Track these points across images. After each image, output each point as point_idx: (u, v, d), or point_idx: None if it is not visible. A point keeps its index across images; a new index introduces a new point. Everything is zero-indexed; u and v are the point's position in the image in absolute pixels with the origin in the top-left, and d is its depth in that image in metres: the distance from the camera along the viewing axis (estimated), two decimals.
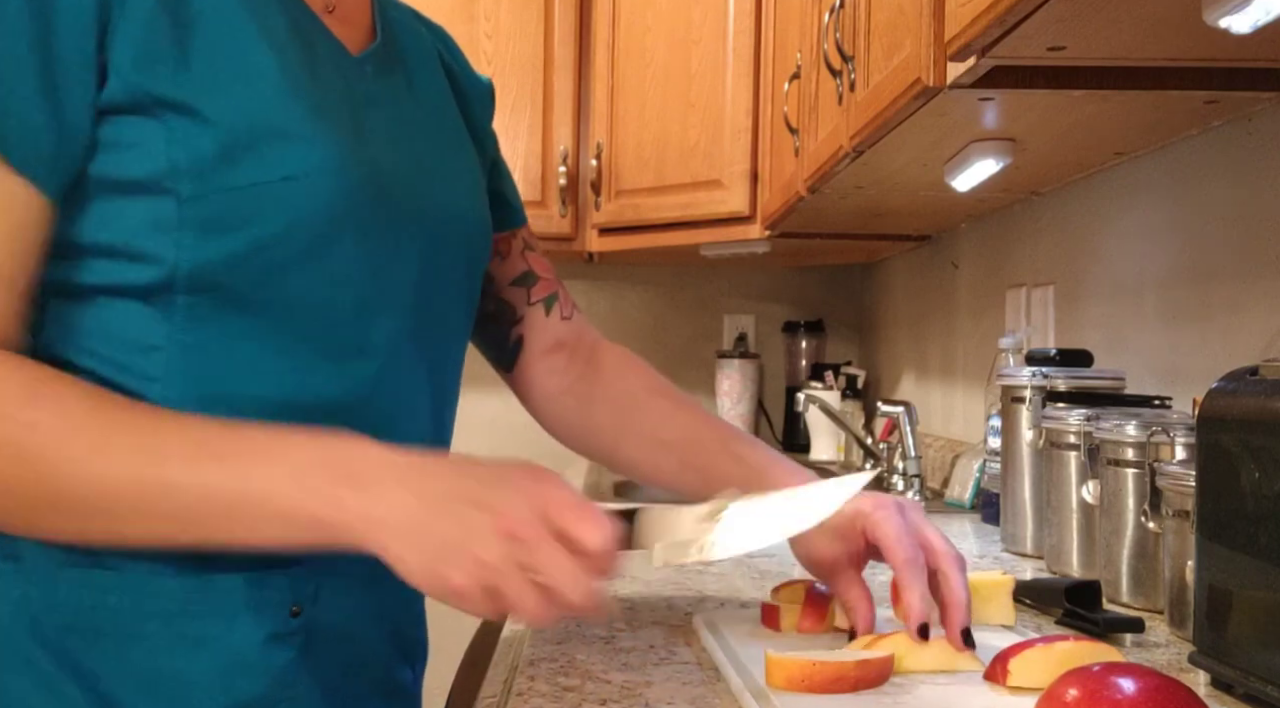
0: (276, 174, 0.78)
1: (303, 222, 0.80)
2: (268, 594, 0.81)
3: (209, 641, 0.79)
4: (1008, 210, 2.02)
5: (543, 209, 2.80)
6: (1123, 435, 1.13)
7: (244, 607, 0.80)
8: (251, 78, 0.80)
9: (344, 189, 0.82)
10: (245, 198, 0.78)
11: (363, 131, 0.86)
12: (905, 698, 0.78)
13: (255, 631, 0.80)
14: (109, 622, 0.77)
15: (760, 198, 2.41)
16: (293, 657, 0.82)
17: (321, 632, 0.84)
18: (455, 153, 1.00)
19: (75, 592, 0.77)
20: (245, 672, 0.79)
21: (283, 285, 0.80)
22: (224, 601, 0.79)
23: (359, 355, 0.85)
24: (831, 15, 1.56)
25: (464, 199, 0.97)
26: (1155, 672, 0.65)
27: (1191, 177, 1.42)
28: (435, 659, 1.08)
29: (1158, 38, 1.02)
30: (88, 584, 0.77)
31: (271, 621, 0.81)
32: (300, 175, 0.79)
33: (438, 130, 0.98)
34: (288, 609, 0.82)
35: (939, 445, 2.29)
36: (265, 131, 0.79)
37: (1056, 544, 1.29)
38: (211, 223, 0.77)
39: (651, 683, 0.82)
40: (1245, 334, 1.29)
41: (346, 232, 0.82)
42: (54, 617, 0.77)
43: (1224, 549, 0.82)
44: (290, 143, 0.80)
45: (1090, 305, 1.70)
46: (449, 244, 0.94)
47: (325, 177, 0.81)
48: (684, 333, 3.22)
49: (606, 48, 2.75)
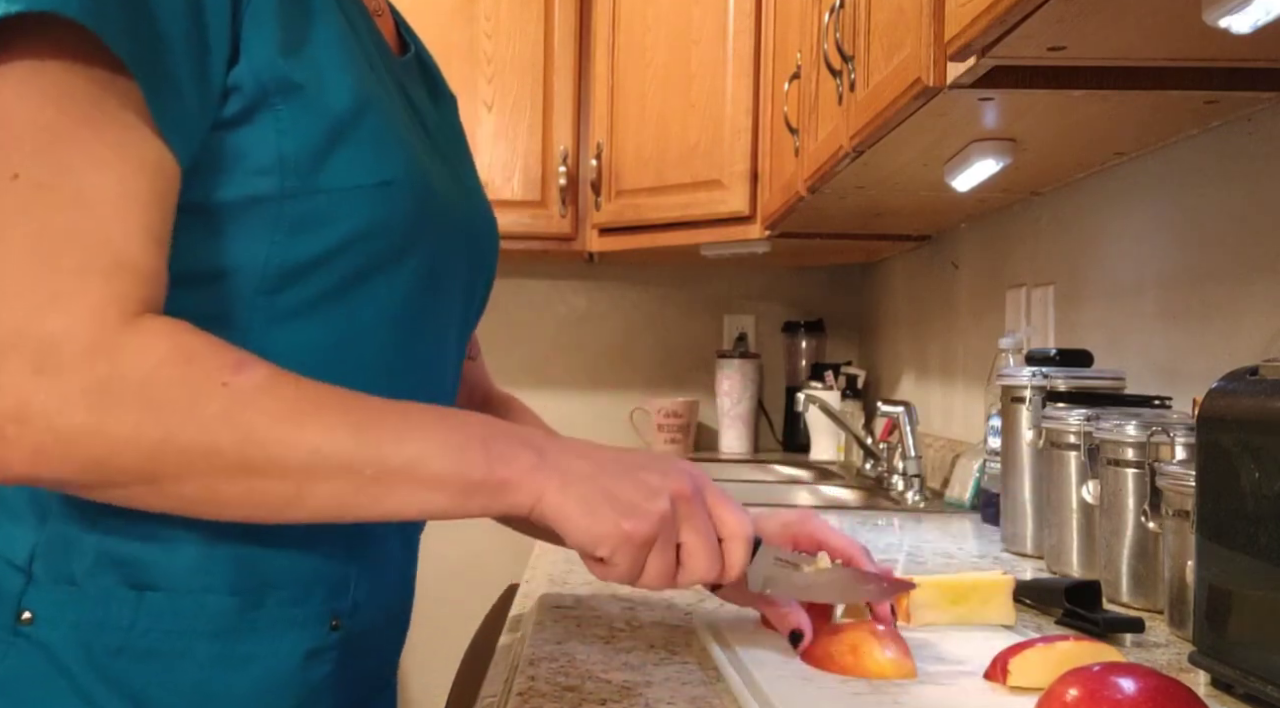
0: (374, 178, 0.79)
1: (386, 228, 0.80)
2: (311, 610, 0.81)
3: (254, 658, 0.79)
4: (1008, 210, 2.02)
5: (543, 209, 2.80)
6: (1123, 435, 1.13)
7: (290, 624, 0.80)
8: (355, 69, 0.81)
9: (424, 197, 0.83)
10: (341, 199, 0.78)
11: (424, 141, 0.88)
12: (905, 698, 0.78)
13: (297, 647, 0.80)
14: (159, 642, 0.77)
15: (760, 198, 2.41)
16: (329, 670, 0.82)
17: (353, 644, 0.84)
18: (472, 164, 1.02)
19: (128, 613, 0.76)
20: (284, 688, 0.80)
21: (356, 293, 0.80)
22: (270, 616, 0.79)
23: (416, 369, 0.86)
24: (831, 15, 1.56)
25: (487, 211, 0.99)
26: (1155, 672, 0.65)
27: (1191, 177, 1.42)
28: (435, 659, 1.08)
29: (1158, 38, 1.02)
30: (141, 605, 0.77)
31: (313, 636, 0.81)
32: (393, 181, 0.80)
33: (460, 141, 1.00)
34: (328, 624, 0.82)
35: (939, 445, 2.29)
36: (368, 128, 0.79)
37: (1056, 544, 1.29)
38: (305, 221, 0.77)
39: (651, 683, 0.82)
40: (1245, 334, 1.29)
41: (417, 243, 0.83)
42: (106, 639, 0.76)
43: (1224, 549, 0.82)
44: (386, 144, 0.80)
45: (1090, 305, 1.70)
46: (483, 257, 0.95)
47: (411, 184, 0.81)
48: (684, 333, 3.22)
49: (606, 48, 2.75)
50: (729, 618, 1.00)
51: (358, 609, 0.84)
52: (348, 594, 0.83)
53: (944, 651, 0.90)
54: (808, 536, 0.94)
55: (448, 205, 0.87)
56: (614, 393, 3.18)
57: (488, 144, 2.78)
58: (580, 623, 1.00)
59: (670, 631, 0.98)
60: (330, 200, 0.77)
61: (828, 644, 0.85)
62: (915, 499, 2.07)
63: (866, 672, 0.82)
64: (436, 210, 0.85)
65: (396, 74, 0.89)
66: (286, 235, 0.77)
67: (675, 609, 1.06)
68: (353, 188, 0.78)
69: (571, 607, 1.07)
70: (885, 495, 2.15)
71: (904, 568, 1.35)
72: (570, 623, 1.00)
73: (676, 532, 0.76)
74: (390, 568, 0.88)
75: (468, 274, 0.93)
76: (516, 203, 2.79)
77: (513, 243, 2.81)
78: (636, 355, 3.21)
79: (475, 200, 0.96)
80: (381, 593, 0.87)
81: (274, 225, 0.76)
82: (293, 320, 0.78)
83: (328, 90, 0.78)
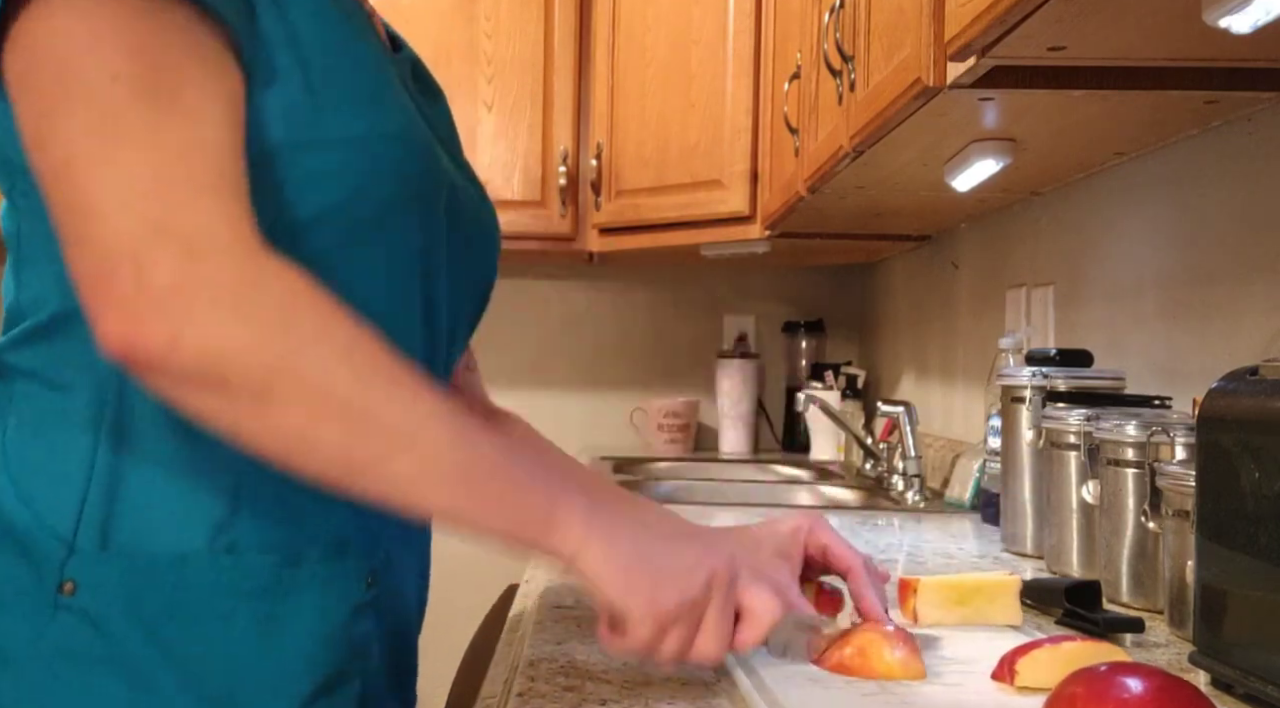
0: (378, 130, 0.80)
1: (384, 181, 0.81)
2: (349, 566, 0.82)
3: (298, 617, 0.79)
4: (1008, 210, 2.02)
5: (543, 209, 2.80)
6: (1123, 435, 1.13)
7: (330, 580, 0.80)
8: (358, 43, 0.82)
9: (419, 155, 0.84)
10: (348, 149, 0.78)
11: (423, 118, 0.89)
12: (913, 698, 0.78)
13: (341, 604, 0.81)
14: (203, 605, 0.77)
15: (760, 198, 2.41)
16: (370, 627, 0.83)
17: (387, 599, 0.85)
18: (466, 160, 1.02)
19: (169, 576, 0.76)
20: (331, 645, 0.80)
21: (355, 253, 0.81)
22: (310, 576, 0.80)
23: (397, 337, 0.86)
24: (831, 15, 1.56)
25: (486, 203, 0.99)
26: (1162, 671, 0.65)
27: (1191, 177, 1.42)
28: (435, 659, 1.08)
29: (1158, 38, 1.02)
30: (180, 569, 0.77)
31: (354, 592, 0.82)
32: (395, 134, 0.81)
33: (458, 140, 1.01)
34: (365, 580, 0.82)
35: (939, 445, 2.29)
36: (370, 89, 0.81)
37: (1056, 544, 1.29)
38: (312, 176, 0.77)
39: (651, 683, 0.82)
40: (1245, 334, 1.29)
41: (410, 202, 0.83)
42: (150, 604, 0.76)
43: (1224, 549, 0.82)
44: (385, 102, 0.82)
45: (1090, 305, 1.70)
46: (476, 240, 0.95)
47: (409, 140, 0.82)
48: (684, 333, 3.22)
49: (606, 48, 2.75)
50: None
51: (390, 567, 0.85)
52: (380, 551, 0.84)
53: (951, 651, 0.91)
54: (814, 544, 0.94)
55: (452, 179, 0.88)
56: (614, 393, 3.18)
57: (488, 144, 2.78)
58: (580, 623, 1.00)
59: None
60: (334, 152, 0.78)
61: (837, 646, 0.85)
62: (915, 499, 2.07)
63: (875, 673, 0.82)
64: (440, 175, 0.86)
65: (394, 67, 0.90)
66: (296, 189, 0.77)
67: None
68: (351, 139, 0.79)
69: (571, 607, 1.07)
70: (885, 495, 2.15)
71: (904, 568, 1.36)
72: (570, 623, 1.00)
73: (702, 613, 0.76)
74: (413, 528, 0.89)
75: (467, 248, 0.93)
76: (516, 203, 2.79)
77: (513, 243, 2.80)
78: (636, 356, 3.21)
79: (479, 192, 0.97)
80: (408, 553, 0.88)
81: (285, 178, 0.77)
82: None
83: (326, 47, 0.79)
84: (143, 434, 0.77)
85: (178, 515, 0.77)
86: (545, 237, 2.82)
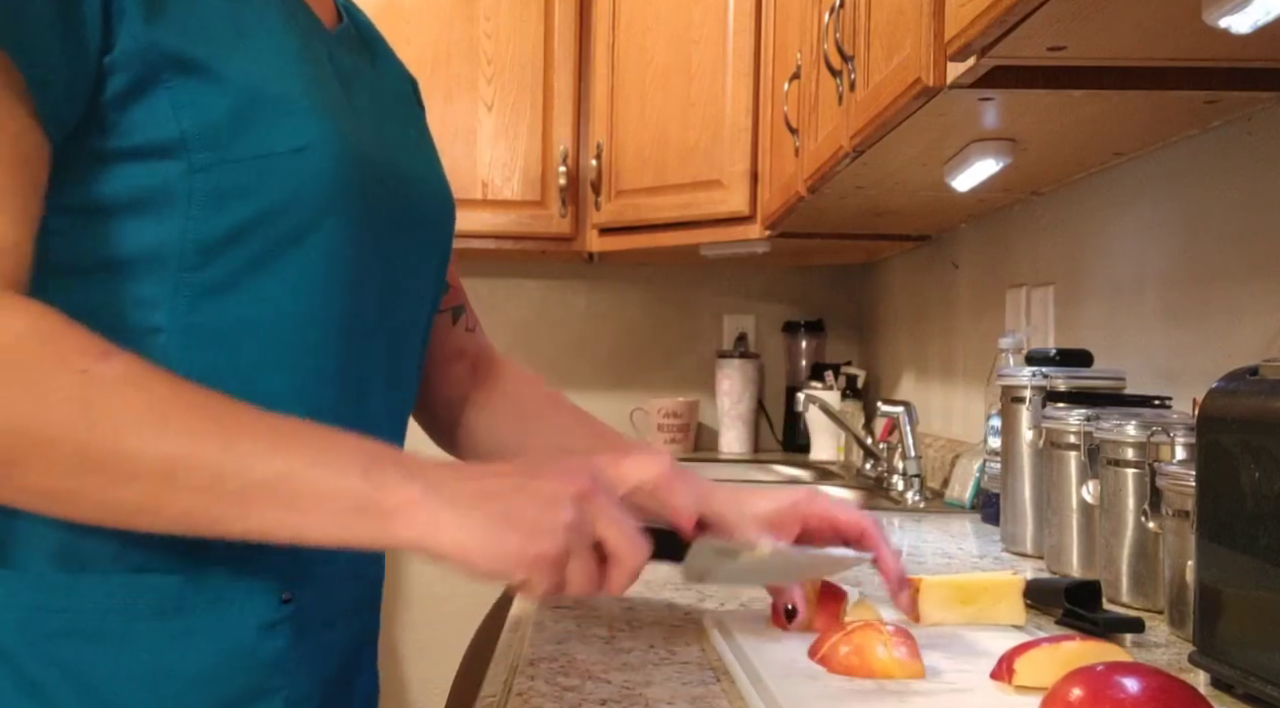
0: (285, 145, 0.78)
1: (305, 195, 0.79)
2: (257, 582, 0.80)
3: (201, 633, 0.78)
4: (1008, 210, 2.02)
5: (543, 209, 2.80)
6: (1123, 435, 1.13)
7: (235, 597, 0.79)
8: (258, 41, 0.79)
9: (345, 161, 0.81)
10: (253, 168, 0.77)
11: (347, 108, 0.86)
12: (909, 696, 0.78)
13: (248, 620, 0.79)
14: (101, 623, 0.76)
15: (760, 198, 2.41)
16: (284, 645, 0.81)
17: (310, 619, 0.83)
18: (420, 133, 1.01)
19: (65, 595, 0.76)
20: (239, 663, 0.79)
21: (282, 263, 0.79)
22: (215, 592, 0.78)
23: (359, 332, 0.85)
24: (831, 15, 1.56)
25: (435, 178, 0.98)
26: (1160, 671, 0.65)
27: (1191, 177, 1.42)
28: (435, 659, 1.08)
29: (1158, 38, 1.02)
30: (77, 587, 0.76)
31: (263, 609, 0.80)
32: (308, 147, 0.78)
33: (404, 110, 0.99)
34: (278, 597, 0.81)
35: (939, 445, 2.29)
36: (274, 98, 0.78)
37: (1056, 544, 1.29)
38: (219, 194, 0.76)
39: (651, 683, 0.82)
40: (1245, 334, 1.29)
41: (340, 207, 0.81)
42: (47, 622, 0.76)
43: (1224, 549, 0.82)
44: (296, 113, 0.79)
45: (1090, 305, 1.70)
46: (427, 222, 0.94)
47: (329, 148, 0.80)
48: (684, 333, 3.22)
49: (606, 48, 2.75)
50: (737, 616, 1.00)
51: (310, 581, 0.83)
52: (296, 565, 0.81)
53: (953, 650, 0.91)
54: (816, 515, 0.94)
55: (379, 169, 0.86)
56: (614, 393, 3.18)
57: (488, 144, 2.78)
58: (580, 623, 1.00)
59: (670, 631, 0.98)
60: (242, 171, 0.76)
61: (836, 644, 0.85)
62: (915, 499, 2.07)
63: (874, 672, 0.82)
64: (364, 174, 0.83)
65: (324, 44, 0.88)
66: (202, 210, 0.76)
67: (675, 609, 1.06)
68: (263, 156, 0.77)
69: (571, 607, 1.07)
70: (885, 496, 2.15)
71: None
72: (570, 623, 1.00)
73: (591, 532, 0.73)
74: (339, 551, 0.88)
75: (414, 237, 0.92)
76: (516, 203, 2.79)
77: (513, 243, 2.81)
78: (636, 355, 3.21)
79: (421, 164, 0.95)
80: (336, 564, 0.85)
81: (188, 201, 0.75)
82: (219, 295, 0.77)
83: (226, 66, 0.76)
84: None
85: (77, 536, 0.75)
86: (545, 237, 2.82)
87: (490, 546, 0.70)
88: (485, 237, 2.76)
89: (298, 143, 0.78)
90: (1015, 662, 0.80)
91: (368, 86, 0.92)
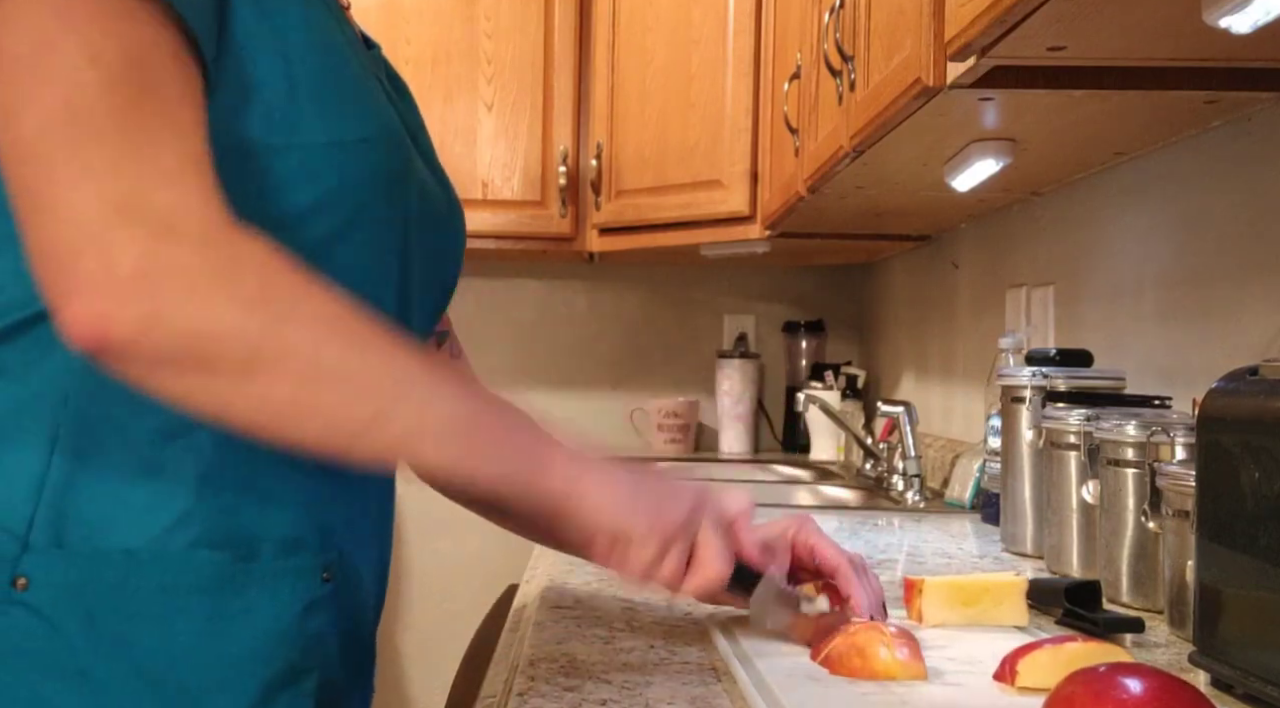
0: (355, 134, 0.80)
1: (361, 184, 0.81)
2: (303, 561, 0.81)
3: (252, 612, 0.78)
4: (1008, 210, 2.02)
5: (543, 209, 2.80)
6: (1123, 435, 1.13)
7: (283, 575, 0.80)
8: (325, 32, 0.82)
9: (395, 159, 0.84)
10: (327, 154, 0.78)
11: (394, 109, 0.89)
12: (911, 697, 0.78)
13: (296, 599, 0.80)
14: (154, 601, 0.76)
15: (760, 198, 2.41)
16: (326, 624, 0.82)
17: (344, 595, 0.84)
18: (436, 158, 1.02)
19: (116, 572, 0.76)
20: (284, 641, 0.79)
21: (332, 254, 0.80)
22: (263, 571, 0.79)
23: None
24: (831, 15, 1.56)
25: (454, 201, 0.99)
26: (1162, 672, 0.65)
27: (1191, 176, 1.42)
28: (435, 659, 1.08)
29: (1158, 38, 1.02)
30: (132, 565, 0.76)
31: (309, 588, 0.81)
32: (371, 138, 0.81)
33: (427, 136, 1.00)
34: (320, 575, 0.82)
35: (939, 445, 2.29)
36: (348, 93, 0.81)
37: (1056, 544, 1.29)
38: (287, 177, 0.77)
39: (651, 683, 0.82)
40: (1245, 334, 1.29)
41: (383, 203, 0.84)
42: (101, 600, 0.76)
43: (1224, 549, 0.82)
44: (362, 106, 0.82)
45: (1090, 305, 1.70)
46: (447, 237, 0.96)
47: (384, 143, 0.83)
48: (684, 333, 3.22)
49: (606, 48, 2.75)
50: (739, 618, 1.00)
51: (345, 561, 0.84)
52: (334, 546, 0.83)
53: (956, 651, 0.91)
54: (802, 545, 0.96)
55: (418, 175, 0.89)
56: (614, 393, 3.18)
57: (488, 144, 2.78)
58: (580, 623, 1.00)
59: (670, 630, 0.98)
60: (310, 156, 0.78)
61: (838, 645, 0.85)
62: (915, 499, 2.07)
63: (876, 673, 0.82)
64: (407, 175, 0.86)
65: (365, 57, 0.90)
66: (274, 191, 0.77)
67: (675, 609, 1.06)
68: (332, 143, 0.79)
69: (571, 607, 1.07)
70: (885, 495, 2.15)
71: (904, 568, 1.36)
72: (570, 623, 1.00)
73: (694, 534, 0.82)
74: (368, 521, 0.89)
75: (439, 246, 0.93)
76: (516, 203, 2.79)
77: (513, 243, 2.81)
78: (636, 355, 3.21)
79: (447, 191, 0.97)
80: (363, 547, 0.87)
81: (263, 180, 0.77)
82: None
83: (310, 47, 0.79)
84: (99, 432, 0.76)
85: (131, 513, 0.76)
86: (545, 237, 2.82)
87: (623, 509, 0.79)
88: (485, 237, 2.76)
89: (362, 133, 0.81)
90: (1018, 663, 0.80)
91: (399, 105, 0.94)
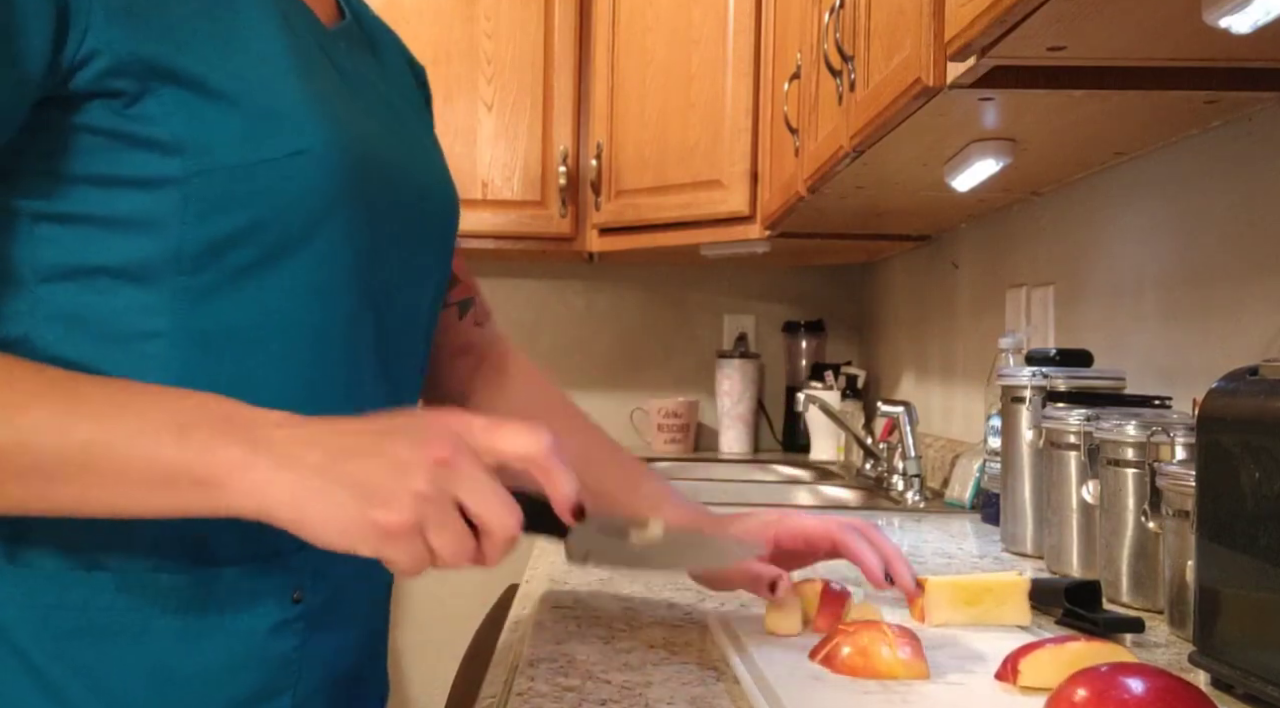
0: (282, 150, 0.77)
1: (304, 199, 0.79)
2: (270, 582, 0.80)
3: (214, 633, 0.78)
4: (1008, 210, 2.02)
5: (543, 209, 2.80)
6: (1123, 435, 1.13)
7: (248, 596, 0.79)
8: (248, 46, 0.79)
9: (345, 163, 0.81)
10: (249, 175, 0.76)
11: (349, 107, 0.86)
12: (914, 698, 0.78)
13: (260, 620, 0.79)
14: (115, 621, 0.76)
15: (760, 198, 2.41)
16: (295, 645, 0.81)
17: (320, 619, 0.83)
18: (424, 130, 1.00)
19: (80, 593, 0.76)
20: (251, 662, 0.79)
21: (281, 267, 0.79)
22: (228, 591, 0.79)
23: (356, 335, 0.84)
24: (831, 15, 1.56)
25: (439, 175, 0.97)
26: (1164, 672, 0.65)
27: (1191, 177, 1.42)
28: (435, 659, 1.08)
29: (1158, 38, 1.02)
30: (91, 585, 0.76)
31: (276, 609, 0.80)
32: (305, 150, 0.78)
33: (408, 107, 0.98)
34: (289, 596, 0.81)
35: (939, 445, 2.29)
36: (267, 103, 0.77)
37: (1056, 544, 1.29)
38: (215, 201, 0.76)
39: (651, 683, 0.82)
40: (1245, 334, 1.29)
41: (341, 210, 0.81)
42: (61, 620, 0.76)
43: (1224, 549, 0.82)
44: (292, 117, 0.78)
45: (1090, 305, 1.70)
46: (431, 220, 0.94)
47: (327, 151, 0.79)
48: (684, 333, 3.22)
49: (606, 48, 2.75)
50: (740, 617, 1.00)
51: (319, 580, 0.83)
52: (305, 566, 0.82)
53: (958, 651, 0.91)
54: (788, 534, 0.95)
55: (384, 168, 0.86)
56: (614, 393, 3.18)
57: (488, 144, 2.78)
58: (580, 623, 1.00)
59: (670, 630, 0.98)
60: (238, 177, 0.76)
61: (840, 645, 0.85)
62: (915, 499, 2.07)
63: (878, 673, 0.82)
64: (367, 175, 0.83)
65: (323, 43, 0.87)
66: (198, 217, 0.76)
67: (675, 609, 1.06)
68: (259, 162, 0.76)
69: (571, 607, 1.07)
70: (885, 496, 2.15)
71: None
72: (570, 623, 1.00)
73: (451, 501, 0.66)
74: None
75: (417, 237, 0.91)
76: (516, 203, 2.79)
77: (513, 243, 2.81)
78: (636, 355, 3.21)
79: (426, 161, 0.95)
80: (343, 563, 0.83)
81: (184, 208, 0.75)
82: (218, 299, 0.77)
83: (214, 70, 0.76)
84: None
85: (88, 534, 0.75)
86: (545, 237, 2.82)
87: (330, 514, 0.65)
88: (485, 236, 2.76)
89: (295, 147, 0.78)
90: (1020, 662, 0.81)
91: (371, 84, 0.92)
